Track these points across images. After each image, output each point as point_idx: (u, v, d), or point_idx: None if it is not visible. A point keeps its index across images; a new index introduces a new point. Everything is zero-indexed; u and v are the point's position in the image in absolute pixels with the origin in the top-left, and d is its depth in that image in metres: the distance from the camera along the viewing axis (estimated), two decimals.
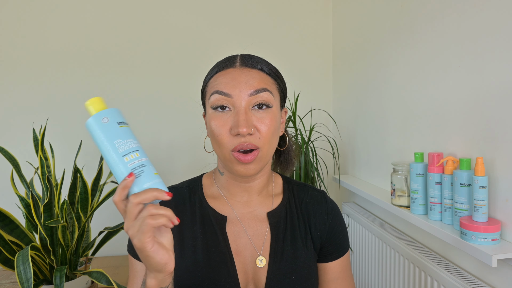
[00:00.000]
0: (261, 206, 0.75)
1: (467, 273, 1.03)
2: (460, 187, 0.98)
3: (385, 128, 1.53)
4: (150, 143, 1.97)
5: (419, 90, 1.27)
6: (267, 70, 0.71)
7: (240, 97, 0.65)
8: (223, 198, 0.76)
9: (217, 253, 0.70)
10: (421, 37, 1.25)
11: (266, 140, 0.67)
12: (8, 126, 1.85)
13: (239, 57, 0.71)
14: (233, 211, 0.74)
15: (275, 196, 0.78)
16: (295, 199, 0.79)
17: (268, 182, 0.77)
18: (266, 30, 2.05)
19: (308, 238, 0.75)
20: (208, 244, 0.71)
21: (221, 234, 0.71)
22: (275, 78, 0.72)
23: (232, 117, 0.66)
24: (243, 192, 0.75)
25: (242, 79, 0.67)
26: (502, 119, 0.92)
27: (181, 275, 0.68)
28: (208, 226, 0.72)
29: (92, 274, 1.15)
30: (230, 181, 0.74)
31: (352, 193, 1.91)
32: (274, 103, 0.69)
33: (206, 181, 0.79)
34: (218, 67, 0.71)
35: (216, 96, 0.67)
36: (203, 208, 0.74)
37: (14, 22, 1.83)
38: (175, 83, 1.98)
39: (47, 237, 1.17)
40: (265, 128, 0.66)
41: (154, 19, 1.95)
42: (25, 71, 1.85)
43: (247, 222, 0.74)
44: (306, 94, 2.04)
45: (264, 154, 0.67)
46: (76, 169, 1.31)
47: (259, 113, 0.67)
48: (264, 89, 0.67)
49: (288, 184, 0.81)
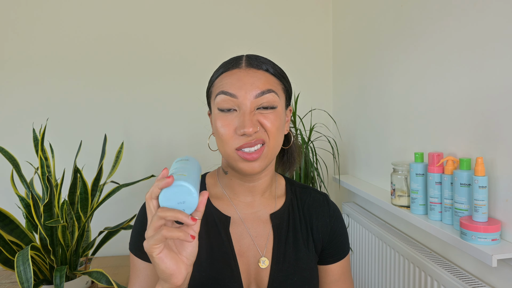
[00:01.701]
0: (264, 207, 0.76)
1: (467, 273, 1.04)
2: (460, 187, 0.98)
3: (385, 128, 1.53)
4: (150, 142, 1.98)
5: (419, 90, 1.27)
6: (272, 71, 0.71)
7: (245, 98, 0.66)
8: (227, 198, 0.76)
9: (220, 253, 0.70)
10: (421, 37, 1.25)
11: (272, 135, 0.67)
12: (8, 126, 1.85)
13: (244, 57, 0.72)
14: (237, 212, 0.74)
15: (278, 197, 0.78)
16: (298, 201, 0.79)
17: (271, 183, 0.78)
18: (266, 30, 2.05)
19: (309, 240, 0.76)
20: (212, 244, 0.71)
21: (225, 235, 0.72)
22: (280, 79, 0.72)
23: (238, 118, 0.66)
24: (246, 192, 0.75)
25: (248, 80, 0.67)
26: (502, 119, 0.92)
27: None
28: (212, 226, 0.72)
29: (92, 274, 1.15)
30: (234, 180, 0.74)
31: (352, 193, 1.91)
32: (279, 103, 0.70)
33: (209, 180, 0.79)
34: (224, 68, 0.71)
35: (222, 96, 0.67)
36: (207, 208, 0.74)
37: (15, 23, 1.83)
38: (175, 83, 1.98)
39: (47, 237, 1.17)
40: (270, 124, 0.67)
41: (155, 20, 1.95)
42: (25, 71, 1.85)
43: (250, 223, 0.74)
44: (306, 94, 2.04)
45: (270, 150, 0.68)
46: (76, 169, 1.31)
47: (264, 113, 0.68)
48: (269, 90, 0.68)
49: (291, 186, 0.81)
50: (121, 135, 1.93)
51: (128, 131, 1.95)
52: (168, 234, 0.52)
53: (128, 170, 1.93)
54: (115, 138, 1.90)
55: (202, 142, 1.94)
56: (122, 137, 1.92)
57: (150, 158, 1.98)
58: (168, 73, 1.97)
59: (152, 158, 1.98)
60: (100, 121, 1.92)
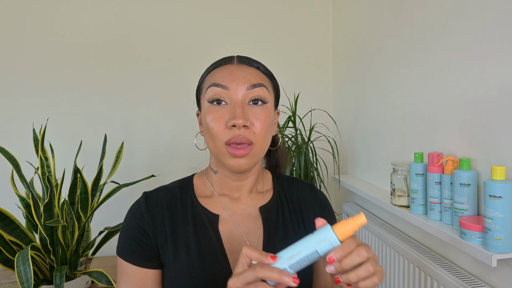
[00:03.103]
0: (253, 203, 0.76)
1: (467, 273, 1.04)
2: (459, 187, 0.98)
3: (385, 128, 1.53)
4: (150, 142, 1.98)
5: (419, 89, 1.27)
6: (263, 69, 0.73)
7: (237, 90, 0.67)
8: (215, 196, 0.76)
9: (210, 252, 0.70)
10: (421, 37, 1.25)
11: (260, 136, 0.68)
12: (8, 126, 1.85)
13: (236, 56, 0.74)
14: (225, 209, 0.75)
15: (266, 192, 0.79)
16: (286, 193, 0.80)
17: (259, 180, 0.79)
18: (266, 30, 2.05)
19: (301, 231, 0.76)
20: (201, 244, 0.70)
21: (214, 233, 0.71)
22: (271, 78, 0.74)
23: (229, 111, 0.67)
24: (234, 190, 0.76)
25: (240, 74, 0.69)
26: (502, 119, 0.92)
27: (176, 276, 0.68)
28: (200, 225, 0.72)
29: (92, 274, 1.15)
30: (223, 179, 0.75)
31: (352, 193, 1.91)
32: (269, 99, 0.71)
33: (197, 181, 0.79)
34: (215, 64, 0.73)
35: (213, 88, 0.68)
36: (195, 207, 0.74)
37: (15, 22, 1.83)
38: (175, 82, 1.98)
39: (47, 237, 1.17)
40: (260, 123, 0.67)
41: (155, 20, 1.95)
42: (25, 71, 1.85)
43: (240, 220, 0.74)
44: (306, 94, 2.04)
45: (257, 150, 0.68)
46: (76, 169, 1.31)
47: (254, 109, 0.68)
48: (260, 84, 0.69)
49: (278, 180, 0.82)
50: (121, 135, 1.93)
51: (128, 131, 1.95)
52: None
53: (128, 170, 1.93)
54: (115, 138, 1.90)
55: (202, 142, 1.94)
56: (122, 137, 1.92)
57: (150, 158, 1.98)
58: (169, 73, 1.97)
59: (152, 158, 1.98)
60: (100, 121, 1.92)
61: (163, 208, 0.72)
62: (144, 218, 0.71)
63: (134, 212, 0.72)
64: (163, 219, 0.71)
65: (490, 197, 0.86)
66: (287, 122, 1.72)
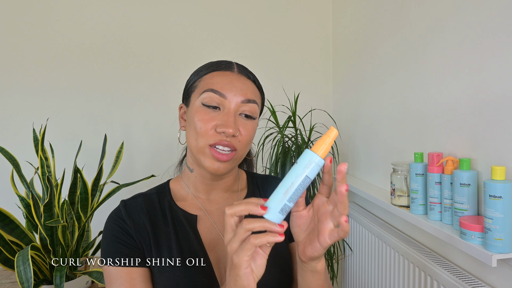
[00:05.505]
0: (228, 202, 0.79)
1: (467, 273, 1.04)
2: (459, 187, 0.98)
3: (385, 128, 1.53)
4: (150, 142, 1.98)
5: (418, 90, 1.27)
6: (257, 84, 0.78)
7: (232, 100, 0.71)
8: (192, 197, 0.79)
9: (191, 251, 0.72)
10: (421, 37, 1.25)
11: (244, 145, 0.72)
12: (8, 126, 1.85)
13: (235, 64, 0.77)
14: (202, 209, 0.78)
15: (241, 191, 0.83)
16: (260, 191, 0.84)
17: (235, 181, 0.83)
18: (266, 30, 2.05)
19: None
20: (182, 243, 0.73)
21: (193, 233, 0.74)
22: (261, 92, 0.79)
23: (221, 116, 0.70)
24: (210, 190, 0.79)
25: (238, 85, 0.72)
26: (502, 119, 0.92)
27: (160, 276, 0.70)
28: (179, 226, 0.74)
29: (92, 274, 1.15)
30: (198, 178, 0.77)
31: (352, 193, 1.91)
32: (257, 115, 0.75)
33: (173, 186, 0.82)
34: (215, 66, 0.76)
35: (211, 94, 0.71)
36: (173, 210, 0.76)
37: (15, 22, 1.83)
38: (175, 83, 1.98)
39: (47, 237, 1.17)
40: (246, 133, 0.72)
41: (155, 21, 1.95)
42: (25, 71, 1.85)
43: (217, 218, 0.77)
44: (306, 94, 2.04)
45: (238, 156, 0.73)
46: (76, 169, 1.31)
47: (243, 120, 0.72)
48: (254, 100, 0.73)
49: (252, 179, 0.86)
50: (121, 135, 1.93)
51: (128, 131, 1.95)
52: (257, 241, 0.49)
53: (128, 170, 1.93)
54: (115, 138, 1.90)
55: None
56: (122, 137, 1.92)
57: (150, 158, 1.98)
58: (169, 73, 1.97)
59: (152, 158, 1.98)
60: (100, 121, 1.92)
61: (143, 213, 0.75)
62: (126, 221, 0.73)
63: (115, 218, 0.74)
64: (144, 222, 0.73)
65: (490, 197, 0.86)
66: (287, 122, 1.72)
